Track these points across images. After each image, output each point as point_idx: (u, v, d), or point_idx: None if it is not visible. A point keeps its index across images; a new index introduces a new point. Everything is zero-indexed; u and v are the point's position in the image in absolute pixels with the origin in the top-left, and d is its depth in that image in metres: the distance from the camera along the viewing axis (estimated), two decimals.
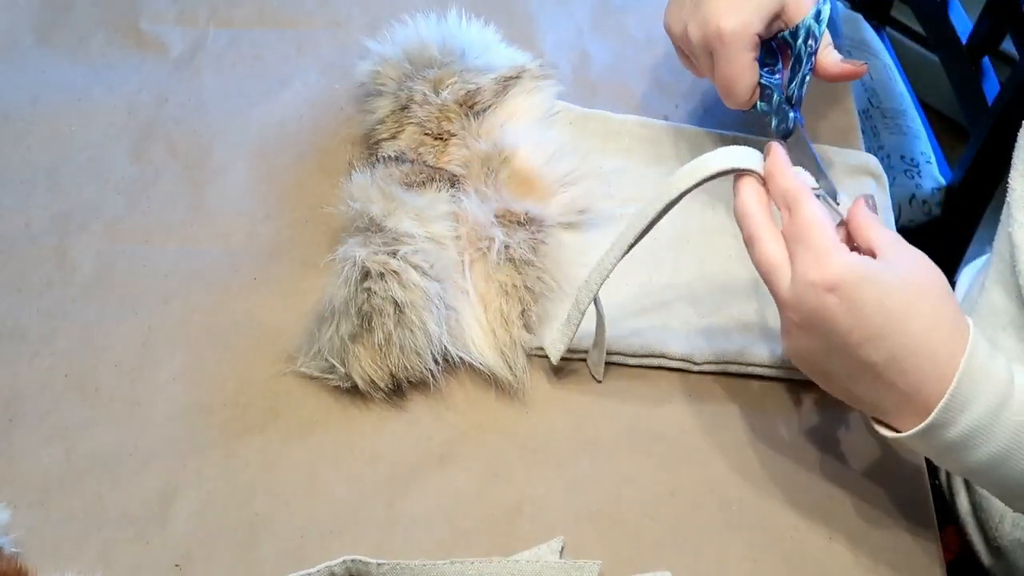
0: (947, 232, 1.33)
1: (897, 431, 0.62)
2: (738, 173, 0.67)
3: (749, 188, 0.66)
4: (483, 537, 0.69)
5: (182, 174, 0.90)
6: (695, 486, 0.72)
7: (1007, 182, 0.74)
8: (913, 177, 1.32)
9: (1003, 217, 0.76)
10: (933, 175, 1.33)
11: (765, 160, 0.67)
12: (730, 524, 0.71)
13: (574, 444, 0.74)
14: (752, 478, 0.73)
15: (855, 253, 0.61)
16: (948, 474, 0.85)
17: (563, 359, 0.76)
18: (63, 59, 0.98)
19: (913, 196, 1.31)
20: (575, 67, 0.99)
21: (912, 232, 1.31)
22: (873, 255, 0.62)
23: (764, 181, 0.67)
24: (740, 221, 0.66)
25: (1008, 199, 0.74)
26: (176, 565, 0.68)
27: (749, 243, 0.65)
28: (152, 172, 0.90)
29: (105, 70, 0.97)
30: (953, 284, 0.97)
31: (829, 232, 0.61)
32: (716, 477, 0.73)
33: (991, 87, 1.31)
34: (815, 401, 0.77)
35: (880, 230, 0.63)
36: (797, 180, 0.65)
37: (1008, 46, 1.30)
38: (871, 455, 0.74)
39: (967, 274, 0.94)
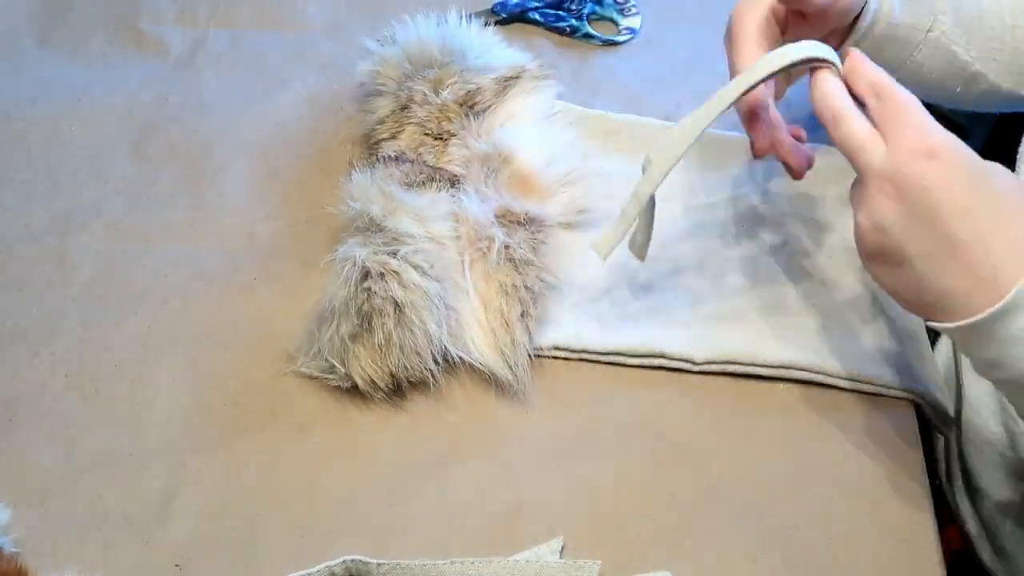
0: None
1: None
2: (814, 65, 0.66)
3: (828, 75, 0.65)
4: (483, 537, 0.69)
5: (182, 174, 0.90)
6: (695, 486, 0.72)
7: None
8: None
9: None
10: None
11: (843, 61, 0.66)
12: (730, 524, 0.71)
13: (574, 444, 0.74)
14: (752, 478, 0.73)
15: (952, 134, 0.60)
16: (949, 475, 0.85)
17: (564, 359, 0.76)
18: (63, 59, 0.98)
19: None
20: (575, 67, 0.99)
21: None
22: None
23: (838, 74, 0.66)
24: (821, 105, 0.64)
25: None
26: (176, 565, 0.68)
27: (834, 123, 0.63)
28: (152, 172, 0.90)
29: (105, 70, 0.97)
30: None
31: (924, 110, 0.60)
32: (716, 477, 0.73)
33: None
34: (816, 401, 0.77)
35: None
36: (883, 72, 0.63)
37: None
38: (871, 455, 0.74)
39: None
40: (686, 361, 0.77)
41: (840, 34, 0.77)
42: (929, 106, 0.62)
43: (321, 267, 0.82)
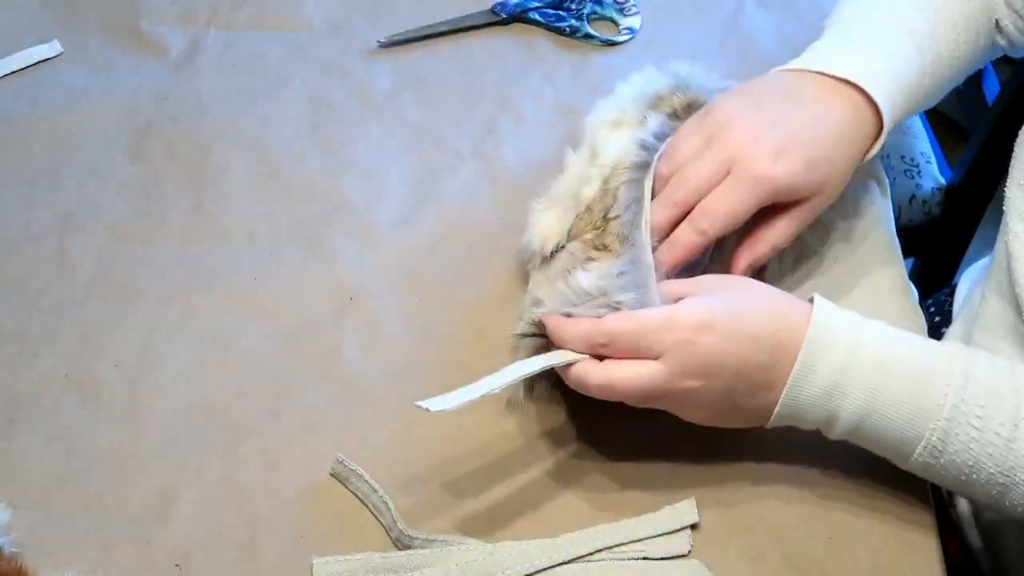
0: (947, 232, 1.33)
1: None
2: (559, 368, 0.68)
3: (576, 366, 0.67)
4: (483, 537, 0.69)
5: (182, 174, 0.90)
6: (695, 487, 0.72)
7: (1004, 189, 0.74)
8: (913, 177, 1.32)
9: (1001, 226, 0.76)
10: (933, 175, 1.33)
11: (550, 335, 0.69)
12: (730, 524, 0.71)
13: (574, 444, 0.74)
14: (752, 478, 0.73)
15: (684, 302, 0.65)
16: None
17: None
18: (63, 59, 0.98)
19: (913, 196, 1.31)
20: (575, 67, 0.99)
21: (912, 232, 1.31)
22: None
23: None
24: (591, 382, 0.66)
25: (1004, 208, 0.74)
26: (176, 565, 0.68)
27: (610, 387, 0.66)
28: (152, 172, 0.90)
29: (105, 70, 0.97)
30: (953, 287, 0.97)
31: (643, 313, 0.65)
32: (716, 478, 0.73)
33: (991, 87, 1.31)
34: None
35: (678, 285, 0.68)
36: (581, 325, 0.66)
37: None
38: (872, 455, 0.74)
39: (967, 278, 0.94)
40: None
41: None
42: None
43: (321, 267, 0.83)
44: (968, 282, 0.93)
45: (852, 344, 0.63)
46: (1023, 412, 0.62)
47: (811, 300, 0.66)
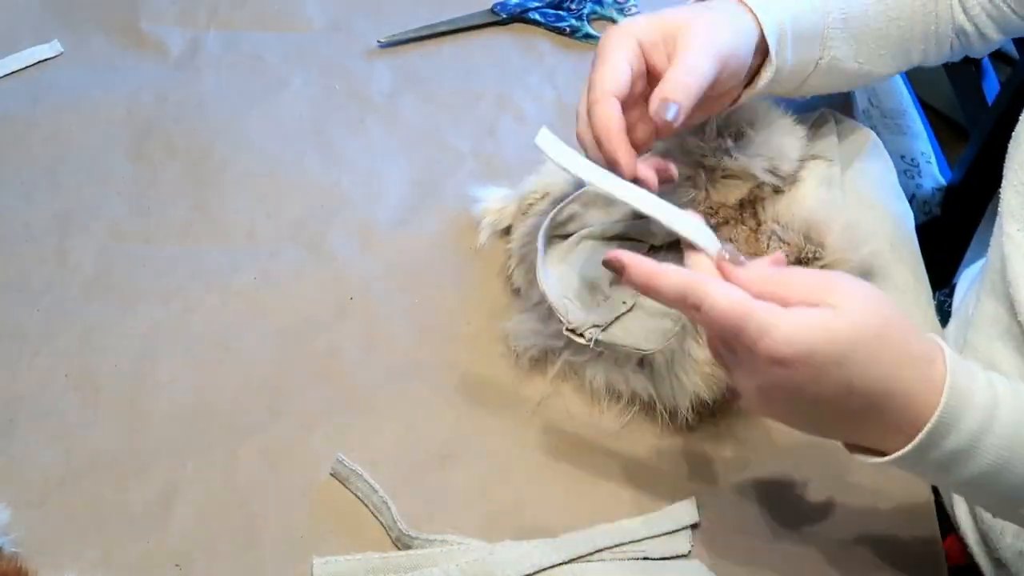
0: (947, 232, 1.33)
1: (882, 454, 0.59)
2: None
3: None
4: (483, 537, 0.69)
5: (182, 174, 0.90)
6: (695, 487, 0.72)
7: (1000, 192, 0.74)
8: (913, 177, 1.32)
9: (995, 228, 0.75)
10: (933, 175, 1.33)
11: (628, 273, 0.60)
12: (730, 525, 0.71)
13: (574, 444, 0.74)
14: (752, 478, 0.73)
15: (793, 314, 0.55)
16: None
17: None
18: (63, 59, 0.98)
19: (913, 196, 1.31)
20: (575, 67, 0.99)
21: None
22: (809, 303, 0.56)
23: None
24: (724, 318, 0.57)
25: (999, 210, 0.74)
26: (176, 565, 0.68)
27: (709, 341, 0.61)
28: (152, 172, 0.90)
29: (105, 70, 0.97)
30: (952, 287, 0.97)
31: (753, 306, 0.55)
32: (716, 478, 0.73)
33: (991, 87, 1.31)
34: None
35: (802, 288, 0.56)
36: (678, 277, 0.58)
37: (1008, 46, 1.30)
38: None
39: (965, 278, 0.94)
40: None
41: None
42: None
43: (320, 266, 0.83)
44: (966, 283, 0.93)
45: (986, 418, 0.56)
46: None
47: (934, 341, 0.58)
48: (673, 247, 0.80)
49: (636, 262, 0.60)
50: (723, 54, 0.68)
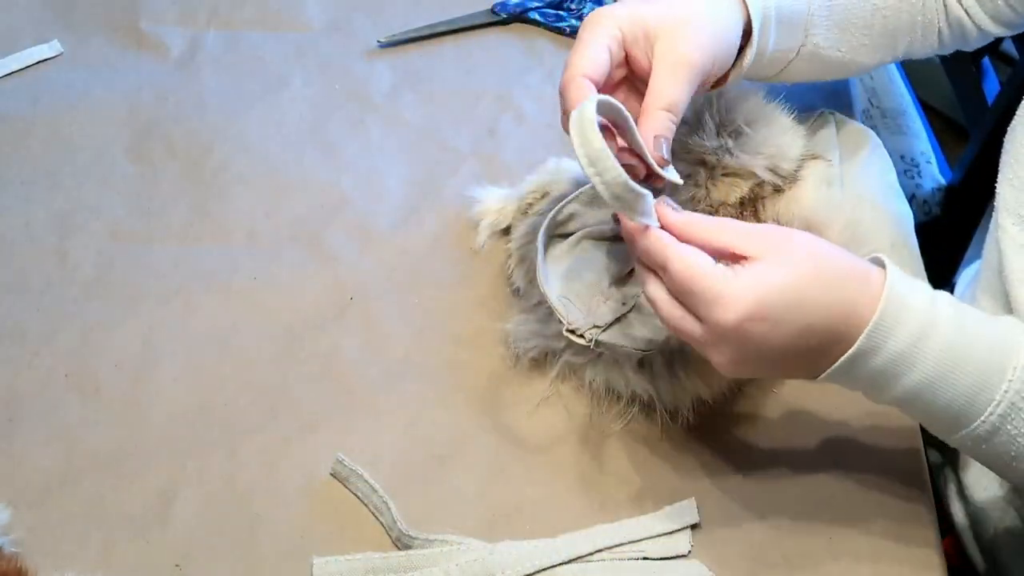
0: (947, 232, 1.33)
1: None
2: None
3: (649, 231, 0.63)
4: (483, 537, 0.69)
5: (182, 174, 0.90)
6: (695, 487, 0.72)
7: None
8: (913, 177, 1.32)
9: (991, 224, 0.76)
10: (933, 175, 1.33)
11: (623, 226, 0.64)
12: (730, 525, 0.71)
13: (574, 444, 0.74)
14: (752, 478, 0.73)
15: (736, 278, 0.59)
16: (945, 484, 0.85)
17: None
18: (63, 59, 0.98)
19: (913, 196, 1.31)
20: None
21: None
22: (741, 256, 0.61)
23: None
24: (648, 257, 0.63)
25: (995, 204, 0.74)
26: (176, 565, 0.68)
27: (653, 301, 0.63)
28: (152, 172, 0.90)
29: (105, 70, 0.97)
30: (952, 286, 0.97)
31: (709, 271, 0.59)
32: (716, 478, 0.73)
33: (991, 87, 1.31)
34: (816, 401, 0.77)
35: (734, 233, 0.61)
36: (651, 239, 0.62)
37: (1008, 46, 1.30)
38: (872, 455, 0.74)
39: (965, 278, 0.94)
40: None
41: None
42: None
43: (320, 266, 0.83)
44: (964, 283, 0.93)
45: (924, 326, 0.60)
46: None
47: (878, 262, 0.62)
48: None
49: (627, 220, 0.63)
50: (705, 64, 0.68)
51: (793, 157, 0.76)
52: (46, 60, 0.98)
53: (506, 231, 0.82)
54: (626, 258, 0.74)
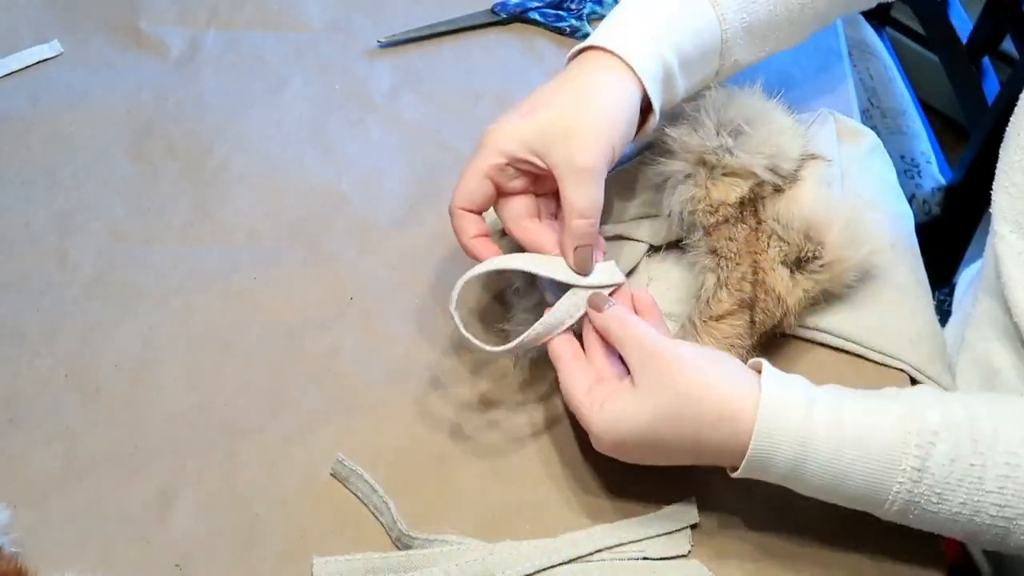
0: (947, 232, 1.33)
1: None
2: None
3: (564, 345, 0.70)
4: (483, 537, 0.69)
5: (182, 174, 0.90)
6: (695, 487, 0.72)
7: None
8: (913, 177, 1.32)
9: (990, 229, 0.76)
10: (933, 175, 1.33)
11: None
12: (730, 524, 0.71)
13: (574, 445, 0.74)
14: (752, 479, 0.72)
15: (603, 411, 0.65)
16: None
17: None
18: (63, 59, 0.98)
19: (913, 196, 1.31)
20: None
21: None
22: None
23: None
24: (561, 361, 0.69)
25: (991, 211, 0.74)
26: (176, 565, 0.68)
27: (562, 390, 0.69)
28: (152, 172, 0.90)
29: (105, 70, 0.97)
30: (952, 286, 0.97)
31: (581, 400, 0.66)
32: (716, 478, 0.73)
33: (991, 87, 1.31)
34: None
35: (632, 346, 0.66)
36: (552, 347, 0.70)
37: (1008, 46, 1.30)
38: None
39: (965, 277, 0.94)
40: None
41: None
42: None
43: (320, 266, 0.83)
44: (966, 282, 0.93)
45: (799, 450, 0.62)
46: (987, 485, 0.60)
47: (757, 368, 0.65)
48: (672, 247, 0.80)
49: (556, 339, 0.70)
50: (607, 158, 0.69)
51: (793, 157, 0.76)
52: (46, 60, 0.98)
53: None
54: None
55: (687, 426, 0.63)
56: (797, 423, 0.62)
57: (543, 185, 0.72)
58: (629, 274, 0.78)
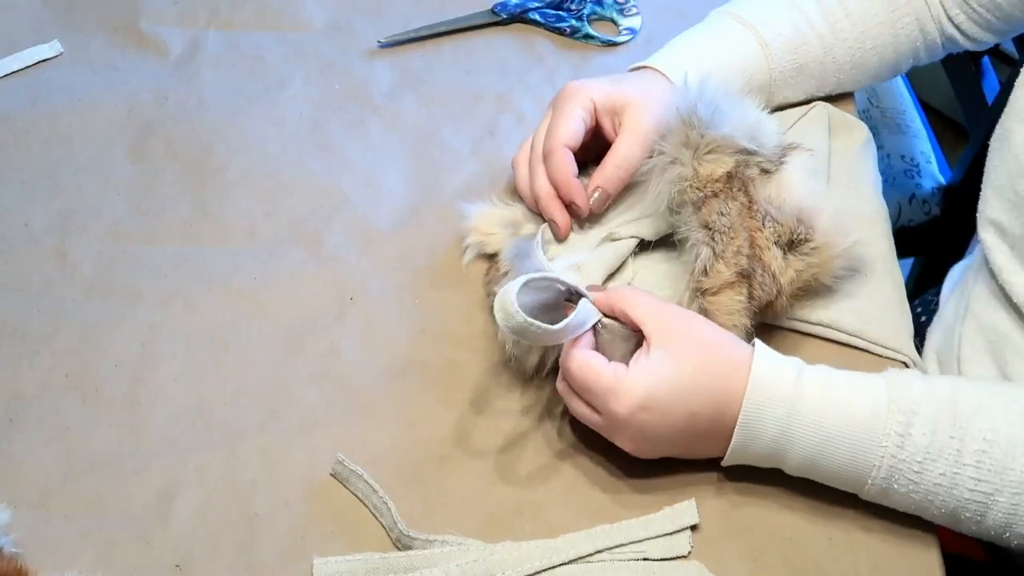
0: (947, 232, 1.33)
1: None
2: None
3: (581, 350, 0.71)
4: (483, 537, 0.69)
5: (182, 174, 0.90)
6: (695, 487, 0.72)
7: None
8: (913, 177, 1.32)
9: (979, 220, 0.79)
10: (933, 175, 1.33)
11: None
12: (730, 524, 0.71)
13: (574, 444, 0.74)
14: (752, 479, 0.73)
15: (633, 367, 0.67)
16: None
17: None
18: (63, 59, 0.98)
19: (913, 196, 1.31)
20: (575, 67, 0.99)
21: (912, 232, 1.31)
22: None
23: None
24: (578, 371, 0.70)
25: (979, 207, 0.78)
26: (176, 565, 0.68)
27: (565, 398, 0.72)
28: (152, 172, 0.90)
29: (105, 70, 0.97)
30: (941, 286, 0.98)
31: (602, 369, 0.67)
32: (716, 478, 0.73)
33: (991, 87, 1.31)
34: None
35: (642, 310, 0.69)
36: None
37: (1008, 46, 1.30)
38: None
39: (950, 279, 0.96)
40: None
41: None
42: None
43: (320, 265, 0.83)
44: (951, 281, 0.95)
45: (789, 413, 0.66)
46: (965, 459, 0.64)
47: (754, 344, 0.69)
48: (659, 245, 0.80)
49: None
50: (659, 132, 0.76)
51: (772, 131, 0.77)
52: (46, 60, 0.98)
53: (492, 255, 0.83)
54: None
55: (712, 371, 0.67)
56: (786, 387, 0.66)
57: (583, 152, 0.79)
58: (616, 271, 0.78)
